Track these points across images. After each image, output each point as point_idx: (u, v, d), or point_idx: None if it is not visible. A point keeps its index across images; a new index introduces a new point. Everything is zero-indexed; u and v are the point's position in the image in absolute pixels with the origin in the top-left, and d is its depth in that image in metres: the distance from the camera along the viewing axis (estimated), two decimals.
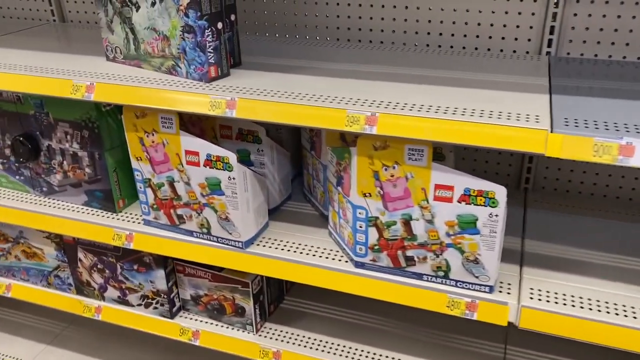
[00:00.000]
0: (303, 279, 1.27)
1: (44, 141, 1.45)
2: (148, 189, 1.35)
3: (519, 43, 1.41)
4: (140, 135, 1.28)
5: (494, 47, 1.43)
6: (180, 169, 1.28)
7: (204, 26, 1.15)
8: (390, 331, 1.49)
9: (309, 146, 1.41)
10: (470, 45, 1.45)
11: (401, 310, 1.56)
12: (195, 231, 1.34)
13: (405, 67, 1.30)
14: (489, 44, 1.43)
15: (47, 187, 1.51)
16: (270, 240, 1.33)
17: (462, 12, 1.42)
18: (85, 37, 1.64)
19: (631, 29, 1.31)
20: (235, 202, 1.25)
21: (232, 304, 1.45)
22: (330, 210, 1.30)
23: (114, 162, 1.42)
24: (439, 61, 1.34)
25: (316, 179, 1.41)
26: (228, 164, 1.21)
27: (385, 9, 1.48)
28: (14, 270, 1.67)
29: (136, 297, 1.53)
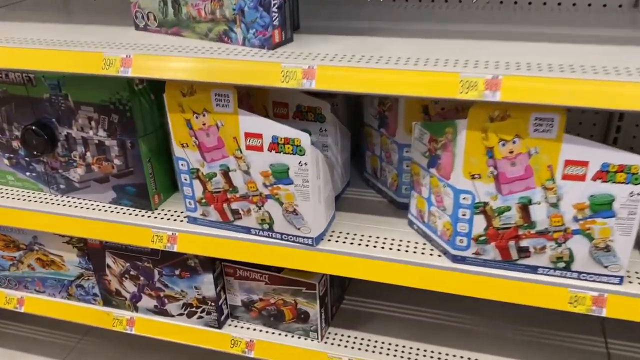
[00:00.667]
0: (389, 278, 1.08)
1: (61, 129, 1.22)
2: (195, 181, 1.14)
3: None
4: (188, 117, 1.07)
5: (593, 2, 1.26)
6: (238, 156, 1.07)
7: None
8: (472, 330, 1.32)
9: (376, 123, 1.21)
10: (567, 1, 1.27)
11: (475, 305, 1.39)
12: (253, 228, 1.14)
13: (499, 24, 1.12)
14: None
15: (65, 184, 1.29)
16: (341, 234, 1.14)
17: None
18: (100, 5, 1.41)
19: None
20: (306, 192, 1.05)
21: (293, 309, 1.26)
22: (414, 196, 1.11)
23: (148, 151, 1.20)
24: (534, 18, 1.16)
25: (386, 160, 1.22)
26: (299, 146, 1.01)
27: None
28: (26, 282, 1.44)
29: (177, 306, 1.32)
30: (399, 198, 1.21)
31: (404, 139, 1.14)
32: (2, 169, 1.34)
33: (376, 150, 1.25)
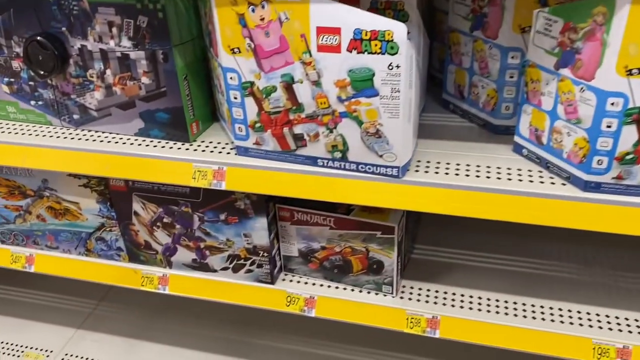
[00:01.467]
0: (501, 213, 0.85)
1: (73, 41, 0.97)
2: (248, 99, 0.90)
3: None
4: (241, 11, 0.82)
5: None
6: (306, 61, 0.83)
7: None
8: (569, 278, 1.11)
9: (468, 25, 0.97)
10: None
11: (563, 251, 1.18)
12: (321, 157, 0.91)
13: None
14: None
15: (79, 113, 1.05)
16: (430, 164, 0.92)
17: None
18: None
19: None
20: (395, 106, 0.82)
21: (363, 258, 1.04)
22: (527, 112, 0.88)
23: (184, 66, 0.96)
24: None
25: (480, 73, 0.98)
26: (391, 42, 0.77)
27: None
28: (36, 236, 1.22)
29: (221, 259, 1.10)
30: (497, 120, 0.98)
31: (511, 40, 0.90)
32: (1, 99, 1.10)
33: (464, 61, 1.01)
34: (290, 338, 1.50)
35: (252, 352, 1.47)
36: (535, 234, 1.23)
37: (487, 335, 1.02)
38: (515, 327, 1.01)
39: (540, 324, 1.00)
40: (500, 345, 1.02)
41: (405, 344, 1.45)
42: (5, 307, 1.66)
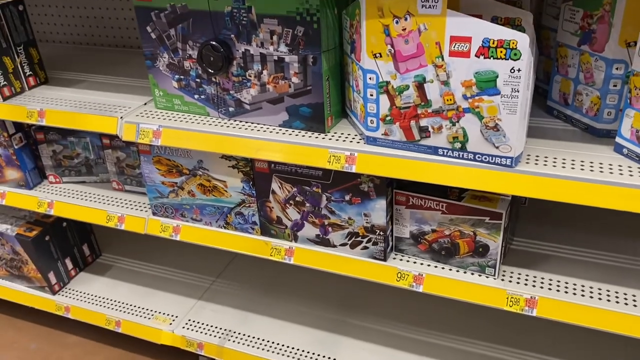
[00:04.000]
0: (605, 202, 0.98)
1: (239, 46, 1.20)
2: (383, 96, 1.08)
3: None
4: (387, 22, 1.01)
5: None
6: (439, 64, 1.00)
7: None
8: None
9: (576, 40, 1.11)
10: None
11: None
12: (442, 147, 1.07)
13: None
14: None
15: (234, 106, 1.27)
16: (539, 157, 1.05)
17: None
18: None
19: None
20: (514, 104, 0.97)
21: (470, 241, 1.19)
22: (630, 115, 1.00)
23: (327, 69, 1.16)
24: None
25: (585, 82, 1.11)
26: (514, 49, 0.93)
27: None
28: (184, 210, 1.45)
29: (341, 236, 1.28)
30: (600, 124, 1.10)
31: (616, 53, 1.03)
32: (170, 92, 1.34)
33: (570, 72, 1.14)
34: (390, 323, 1.65)
35: (351, 330, 1.63)
36: (628, 231, 1.33)
37: (579, 316, 1.13)
38: (604, 310, 1.11)
39: (625, 308, 1.10)
40: (590, 325, 1.12)
41: (501, 334, 1.56)
42: (138, 277, 1.92)
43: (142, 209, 1.56)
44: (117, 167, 1.61)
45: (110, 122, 1.36)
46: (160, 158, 1.40)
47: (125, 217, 1.53)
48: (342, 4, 1.15)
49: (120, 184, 1.64)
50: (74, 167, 1.69)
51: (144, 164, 1.43)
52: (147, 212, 1.53)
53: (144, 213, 1.53)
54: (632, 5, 1.00)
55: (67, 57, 1.87)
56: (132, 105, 1.42)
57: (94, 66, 1.75)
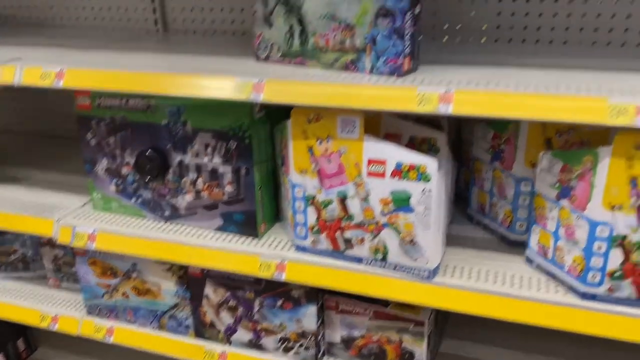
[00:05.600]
0: (514, 315, 1.03)
1: (175, 156, 1.25)
2: (310, 208, 1.13)
3: None
4: (311, 144, 1.08)
5: None
6: (358, 182, 1.07)
7: (406, 8, 0.97)
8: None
9: (489, 157, 1.20)
10: None
11: (571, 350, 1.32)
12: (366, 257, 1.12)
13: (611, 59, 1.12)
14: None
15: (170, 210, 1.30)
16: (455, 268, 1.11)
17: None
18: (209, 43, 1.47)
19: None
20: (427, 221, 1.04)
21: (397, 348, 1.21)
22: (536, 231, 1.08)
23: (260, 179, 1.21)
24: None
25: (498, 195, 1.20)
26: (424, 173, 1.01)
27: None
28: (118, 311, 1.44)
29: (273, 340, 1.29)
30: (513, 235, 1.18)
31: (523, 172, 1.12)
32: (108, 195, 1.36)
33: (486, 185, 1.23)
34: None
35: None
36: (551, 335, 1.38)
37: None
38: None
39: None
40: None
41: None
42: None
43: (77, 308, 1.53)
44: (54, 264, 1.59)
45: (46, 225, 1.36)
46: (95, 260, 1.40)
47: (59, 317, 1.50)
48: (277, 117, 1.22)
49: (57, 281, 1.61)
50: (10, 263, 1.66)
51: (79, 265, 1.43)
52: (82, 312, 1.51)
53: (79, 312, 1.51)
54: (533, 132, 1.10)
55: (9, 147, 1.89)
56: (70, 206, 1.43)
57: (37, 160, 1.77)
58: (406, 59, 1.01)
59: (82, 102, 1.29)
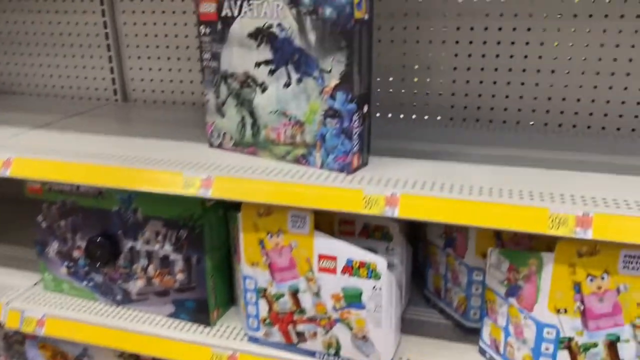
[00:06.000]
0: None
1: (126, 242, 1.22)
2: (262, 300, 1.12)
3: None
4: (261, 237, 1.07)
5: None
6: (309, 277, 1.06)
7: (353, 110, 0.98)
8: None
9: (442, 242, 1.20)
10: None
11: None
12: (319, 352, 1.10)
13: (573, 151, 1.13)
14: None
15: (122, 295, 1.27)
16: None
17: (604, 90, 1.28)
18: (166, 119, 1.46)
19: None
20: (378, 318, 1.03)
21: None
22: (488, 324, 1.08)
23: (212, 267, 1.19)
24: (606, 144, 1.18)
25: (453, 282, 1.20)
26: (375, 271, 1.00)
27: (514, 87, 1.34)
28: None
29: None
30: (467, 322, 1.17)
31: (475, 262, 1.13)
32: (59, 277, 1.33)
33: (441, 269, 1.23)
34: None
35: None
36: None
37: None
38: None
39: None
40: None
41: None
42: None
43: None
44: (5, 342, 1.54)
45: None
46: (45, 344, 1.36)
47: None
48: (231, 206, 1.21)
49: (9, 359, 1.56)
50: None
51: (28, 348, 1.38)
52: None
53: None
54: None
55: None
56: (21, 286, 1.39)
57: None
58: (355, 156, 1.02)
59: (32, 185, 1.27)
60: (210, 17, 1.07)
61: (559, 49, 1.28)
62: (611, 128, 1.31)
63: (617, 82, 1.27)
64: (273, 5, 0.99)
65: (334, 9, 0.93)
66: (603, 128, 1.31)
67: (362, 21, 0.95)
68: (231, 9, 1.04)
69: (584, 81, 1.29)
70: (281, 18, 0.99)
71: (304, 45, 0.98)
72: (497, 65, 1.33)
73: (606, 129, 1.31)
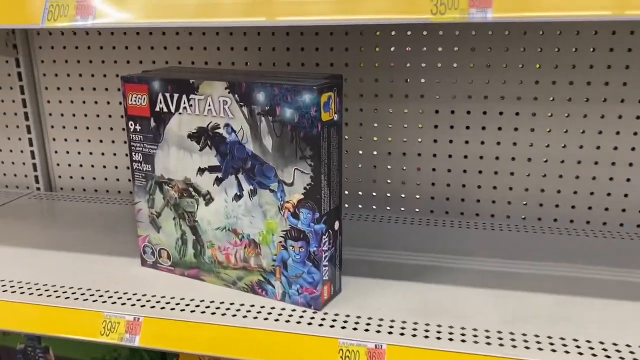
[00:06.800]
0: None
1: None
2: None
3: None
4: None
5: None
6: None
7: (321, 231, 0.77)
8: None
9: None
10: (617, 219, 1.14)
11: None
12: None
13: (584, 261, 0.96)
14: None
15: None
16: None
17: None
18: (94, 218, 1.21)
19: None
20: None
21: None
22: None
23: None
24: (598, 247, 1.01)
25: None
26: None
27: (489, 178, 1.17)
28: None
29: None
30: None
31: None
32: None
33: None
34: None
35: None
36: None
37: None
38: None
39: None
40: None
41: None
42: None
43: None
44: None
45: None
46: None
47: None
48: None
49: None
50: None
51: None
52: None
53: None
54: None
55: None
56: None
57: None
58: (325, 288, 0.80)
59: None
60: (141, 112, 0.86)
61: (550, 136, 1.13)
62: (597, 223, 1.15)
63: (601, 173, 1.12)
64: (219, 101, 0.79)
65: (296, 110, 0.73)
66: (588, 222, 1.15)
67: (331, 123, 0.76)
68: (167, 104, 0.83)
69: (577, 173, 1.14)
70: (230, 117, 0.79)
71: (258, 152, 0.78)
72: (482, 152, 1.16)
73: (591, 223, 1.15)
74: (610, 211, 1.13)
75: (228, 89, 0.78)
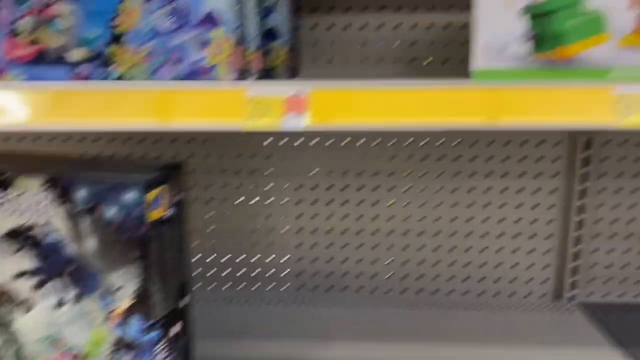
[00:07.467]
0: None
1: None
2: None
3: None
4: None
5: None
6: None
7: (154, 340, 0.70)
8: None
9: None
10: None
11: None
12: None
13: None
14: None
15: None
16: None
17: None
18: None
19: None
20: None
21: None
22: None
23: None
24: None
25: None
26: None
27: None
28: None
29: None
30: None
31: None
32: None
33: None
34: None
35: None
36: None
37: None
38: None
39: None
40: None
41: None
42: None
43: None
44: None
45: None
46: None
47: None
48: None
49: None
50: None
51: None
52: None
53: None
54: None
55: None
56: None
57: None
58: None
59: None
60: None
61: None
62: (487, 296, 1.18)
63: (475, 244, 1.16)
64: (34, 199, 0.71)
65: (120, 209, 0.67)
66: (465, 293, 1.18)
67: (162, 221, 0.70)
68: None
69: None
70: (48, 217, 0.71)
71: (80, 254, 0.70)
72: (345, 227, 1.15)
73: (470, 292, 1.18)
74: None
75: (47, 184, 0.70)
